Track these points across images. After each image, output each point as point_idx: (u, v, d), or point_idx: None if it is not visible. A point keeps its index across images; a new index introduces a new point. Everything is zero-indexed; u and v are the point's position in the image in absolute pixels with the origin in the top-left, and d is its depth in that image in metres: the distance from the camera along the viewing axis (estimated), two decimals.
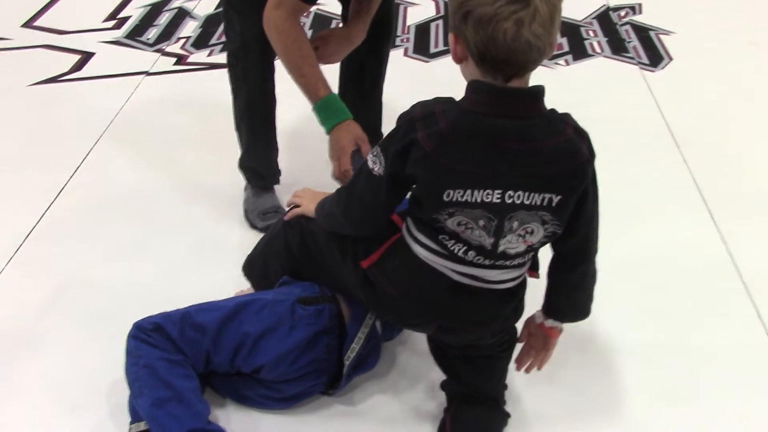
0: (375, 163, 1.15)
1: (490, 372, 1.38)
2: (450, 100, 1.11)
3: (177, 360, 1.35)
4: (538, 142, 1.08)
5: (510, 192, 1.08)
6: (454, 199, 1.09)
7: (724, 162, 2.31)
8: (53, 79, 2.67)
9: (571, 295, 1.29)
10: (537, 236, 1.14)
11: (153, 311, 1.42)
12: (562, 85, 2.70)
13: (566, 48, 3.05)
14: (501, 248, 1.14)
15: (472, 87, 1.09)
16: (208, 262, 1.86)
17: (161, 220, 1.99)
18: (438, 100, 1.12)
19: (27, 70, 2.70)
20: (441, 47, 3.04)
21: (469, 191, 1.08)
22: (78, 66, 2.73)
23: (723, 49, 3.05)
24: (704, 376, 1.58)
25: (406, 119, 1.12)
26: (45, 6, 3.22)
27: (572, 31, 3.20)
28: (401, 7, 3.36)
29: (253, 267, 1.60)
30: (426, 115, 1.09)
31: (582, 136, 1.11)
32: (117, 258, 1.86)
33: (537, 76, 1.13)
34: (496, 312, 1.25)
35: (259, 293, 1.48)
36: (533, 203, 1.09)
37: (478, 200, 1.08)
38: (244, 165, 2.01)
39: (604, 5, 3.45)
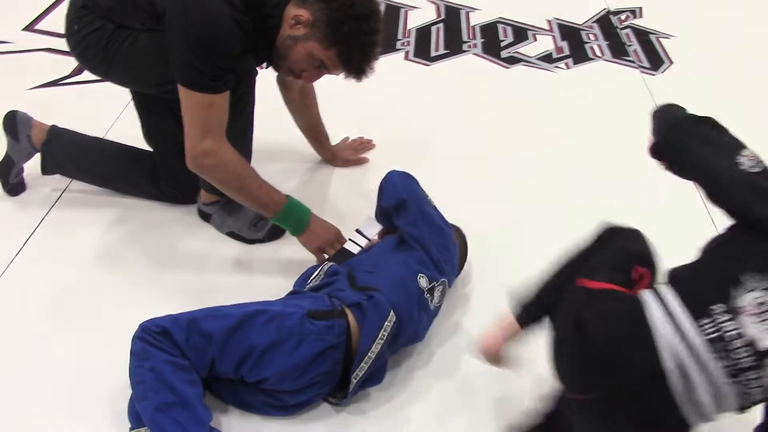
0: None
1: None
2: None
3: (183, 364, 1.35)
4: None
5: None
6: None
7: None
8: (54, 83, 2.67)
9: None
10: None
11: (157, 314, 1.41)
12: (563, 89, 2.72)
13: (567, 52, 3.04)
14: None
15: None
16: (214, 265, 1.86)
17: (164, 223, 1.99)
18: None
19: (27, 74, 2.70)
20: (441, 51, 3.05)
21: None
22: (79, 69, 2.72)
23: (723, 53, 3.05)
24: None
25: None
26: (46, 10, 3.22)
27: (573, 34, 3.20)
28: (402, 11, 3.37)
29: None
30: None
31: None
32: (119, 260, 1.86)
33: (539, 79, 1.14)
34: None
35: (267, 303, 1.46)
36: None
37: None
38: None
39: (604, 9, 3.45)
